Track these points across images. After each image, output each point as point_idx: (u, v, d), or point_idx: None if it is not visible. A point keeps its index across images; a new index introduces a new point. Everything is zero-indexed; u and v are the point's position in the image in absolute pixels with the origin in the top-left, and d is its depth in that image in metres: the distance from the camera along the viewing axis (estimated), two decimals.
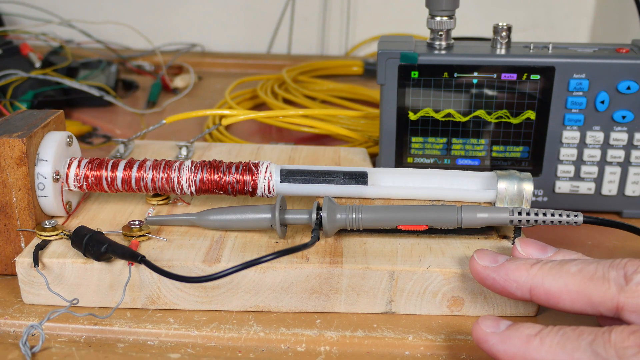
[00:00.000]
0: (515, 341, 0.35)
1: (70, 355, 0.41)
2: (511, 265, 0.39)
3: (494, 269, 0.39)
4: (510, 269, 0.39)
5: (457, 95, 0.55)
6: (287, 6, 1.10)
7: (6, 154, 0.45)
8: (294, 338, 0.43)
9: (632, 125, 0.54)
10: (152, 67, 0.99)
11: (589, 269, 0.36)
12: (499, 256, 0.40)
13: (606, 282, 0.35)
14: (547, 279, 0.37)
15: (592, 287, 0.36)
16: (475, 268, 0.40)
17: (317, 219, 0.45)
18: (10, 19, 1.06)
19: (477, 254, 0.41)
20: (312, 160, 0.59)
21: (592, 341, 0.33)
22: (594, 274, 0.36)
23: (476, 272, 0.40)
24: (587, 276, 0.36)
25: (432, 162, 0.57)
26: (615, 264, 0.36)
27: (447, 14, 0.54)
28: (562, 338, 0.34)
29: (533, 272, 0.38)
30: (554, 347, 0.34)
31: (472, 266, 0.41)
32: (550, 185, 0.57)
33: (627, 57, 0.53)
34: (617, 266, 0.36)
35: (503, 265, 0.39)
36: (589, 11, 1.09)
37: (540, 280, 0.37)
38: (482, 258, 0.40)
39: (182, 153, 0.59)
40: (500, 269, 0.39)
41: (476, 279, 0.41)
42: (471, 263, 0.41)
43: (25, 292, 0.45)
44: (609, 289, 0.35)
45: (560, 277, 0.37)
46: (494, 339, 0.36)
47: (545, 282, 0.37)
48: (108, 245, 0.43)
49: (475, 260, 0.40)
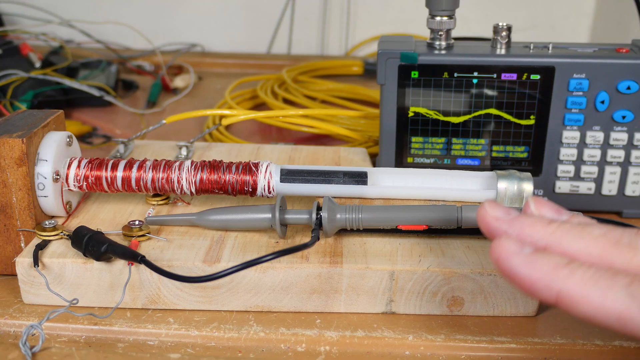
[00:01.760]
0: (542, 266, 0.32)
1: (70, 355, 0.41)
2: (526, 220, 0.34)
3: (507, 221, 0.35)
4: (525, 224, 0.34)
5: (457, 95, 0.55)
6: (287, 6, 1.10)
7: (6, 154, 0.45)
8: (294, 338, 0.43)
9: (632, 125, 0.54)
10: (152, 67, 0.99)
11: (614, 233, 0.33)
12: (512, 210, 0.36)
13: (632, 249, 0.32)
14: (566, 239, 0.33)
15: (617, 253, 0.32)
16: (484, 218, 0.35)
17: (317, 219, 0.45)
18: (10, 19, 1.06)
19: (489, 204, 0.36)
20: (312, 160, 0.59)
21: (629, 283, 0.30)
22: (619, 240, 0.32)
23: (486, 222, 0.35)
24: (611, 241, 0.32)
25: (432, 162, 0.57)
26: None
27: (447, 14, 0.54)
28: (596, 274, 0.31)
29: (551, 230, 0.33)
30: (585, 280, 0.31)
31: (481, 216, 0.35)
32: (550, 185, 0.57)
33: (627, 57, 0.53)
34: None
35: (517, 219, 0.34)
36: (589, 11, 1.09)
37: (559, 239, 0.33)
38: (494, 208, 0.35)
39: (182, 153, 0.59)
40: (514, 222, 0.34)
41: (484, 232, 0.36)
42: (480, 213, 0.35)
43: (25, 292, 0.45)
44: (635, 257, 0.32)
45: (581, 238, 0.33)
46: (518, 259, 0.32)
47: (563, 241, 0.33)
48: (108, 245, 0.43)
49: (486, 210, 0.35)
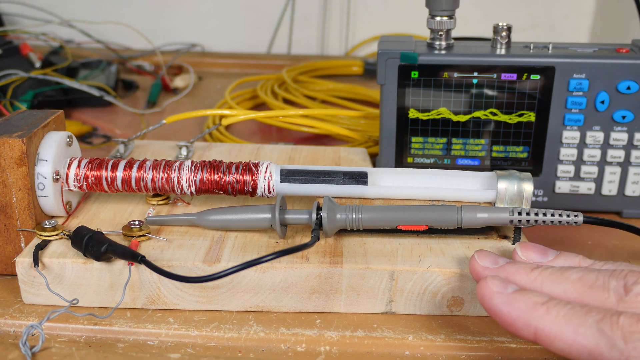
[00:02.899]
0: (521, 305, 0.35)
1: (70, 355, 0.41)
2: (511, 268, 0.39)
3: (494, 270, 0.39)
4: (510, 272, 0.39)
5: (457, 95, 0.55)
6: (287, 6, 1.10)
7: (6, 154, 0.45)
8: (294, 338, 0.43)
9: (632, 125, 0.54)
10: (152, 67, 0.99)
11: (590, 277, 0.36)
12: (500, 258, 0.40)
13: (606, 291, 0.35)
14: (547, 284, 0.37)
15: (591, 295, 0.35)
16: (475, 268, 0.40)
17: (317, 219, 0.45)
18: (10, 19, 1.06)
19: (478, 255, 0.41)
20: (312, 160, 0.59)
21: (599, 320, 0.33)
22: (594, 283, 0.36)
23: (476, 272, 0.40)
24: (587, 284, 0.36)
25: (432, 162, 0.57)
26: (616, 274, 0.36)
27: (447, 14, 0.54)
28: (570, 312, 0.34)
29: (533, 277, 0.38)
30: (559, 319, 0.34)
31: (472, 266, 0.41)
32: (550, 185, 0.57)
33: (627, 57, 0.53)
34: (617, 276, 0.35)
35: (503, 268, 0.39)
36: (589, 11, 1.09)
37: (540, 285, 0.37)
38: (482, 258, 0.40)
39: (182, 153, 0.59)
40: (500, 271, 0.39)
41: (475, 279, 0.41)
42: (471, 263, 0.41)
43: (25, 292, 0.45)
44: (608, 299, 0.35)
45: (559, 283, 0.37)
46: (500, 298, 0.36)
47: (544, 287, 0.37)
48: (108, 245, 0.43)
49: (476, 260, 0.40)
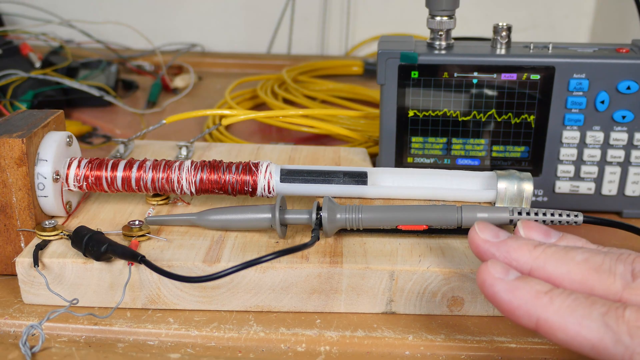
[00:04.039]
0: (523, 293, 0.33)
1: (70, 355, 0.41)
2: (513, 243, 0.36)
3: (495, 244, 0.37)
4: (512, 247, 0.36)
5: (457, 95, 0.55)
6: (287, 6, 1.10)
7: (6, 154, 0.45)
8: (294, 338, 0.43)
9: (632, 125, 0.54)
10: (152, 67, 0.99)
11: (596, 259, 0.34)
12: (501, 231, 0.38)
13: (612, 275, 0.33)
14: (550, 263, 0.35)
15: (597, 279, 0.34)
16: (474, 240, 0.38)
17: (317, 219, 0.45)
18: (10, 19, 1.06)
19: (479, 226, 0.38)
20: (312, 160, 0.59)
21: (604, 312, 0.31)
22: (600, 266, 0.34)
23: (475, 245, 0.38)
24: (592, 267, 0.34)
25: (432, 162, 0.57)
26: (623, 258, 0.34)
27: (447, 14, 0.54)
28: (574, 302, 0.32)
29: (536, 254, 0.35)
30: (563, 309, 0.32)
31: (471, 238, 0.38)
32: (550, 185, 0.57)
33: (627, 57, 0.53)
34: (625, 260, 0.34)
35: (505, 242, 0.37)
36: (589, 11, 1.09)
37: (543, 263, 0.35)
38: (483, 231, 0.38)
39: (182, 153, 0.59)
40: (501, 246, 0.37)
41: (474, 252, 0.38)
42: (471, 234, 0.38)
43: (25, 292, 0.45)
44: (614, 284, 0.33)
45: (564, 263, 0.35)
46: (500, 285, 0.34)
47: (547, 265, 0.35)
48: (108, 245, 0.43)
49: (476, 232, 0.38)
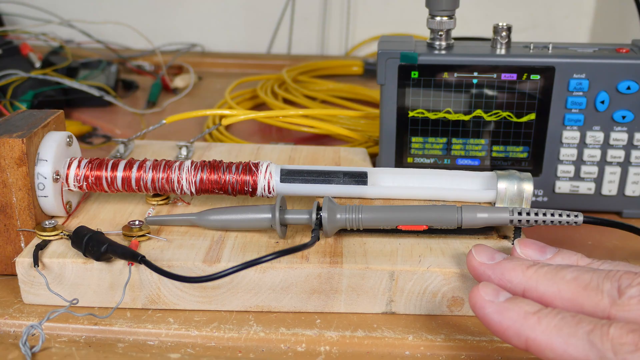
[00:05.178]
0: (512, 315, 0.35)
1: (70, 355, 0.41)
2: (507, 265, 0.39)
3: (490, 266, 0.39)
4: (506, 269, 0.39)
5: (457, 95, 0.55)
6: (287, 6, 1.10)
7: (6, 154, 0.45)
8: (294, 338, 0.43)
9: (632, 125, 0.54)
10: (152, 67, 0.99)
11: (584, 277, 0.36)
12: (497, 253, 0.40)
13: (599, 293, 0.35)
14: (542, 283, 0.37)
15: (585, 296, 0.35)
16: (471, 263, 0.40)
17: (317, 219, 0.45)
18: (10, 19, 1.06)
19: (475, 249, 0.41)
20: (312, 160, 0.59)
21: (590, 331, 0.33)
22: (588, 284, 0.36)
23: (472, 267, 0.40)
24: (581, 285, 0.36)
25: (432, 162, 0.57)
26: (610, 275, 0.35)
27: (447, 14, 0.54)
28: (561, 322, 0.34)
29: (529, 275, 0.38)
30: (550, 329, 0.34)
31: (468, 261, 0.41)
32: (550, 185, 0.57)
33: (627, 57, 0.53)
34: (612, 277, 0.35)
35: (499, 264, 0.39)
36: (589, 11, 1.09)
37: (535, 284, 0.37)
38: (479, 254, 0.40)
39: (182, 153, 0.59)
40: (496, 267, 0.39)
41: (471, 274, 0.41)
42: (468, 258, 0.41)
43: (25, 292, 0.45)
44: (602, 301, 0.35)
45: (554, 282, 0.36)
46: (491, 307, 0.36)
47: (539, 286, 0.37)
48: (108, 245, 0.43)
49: (473, 255, 0.40)
